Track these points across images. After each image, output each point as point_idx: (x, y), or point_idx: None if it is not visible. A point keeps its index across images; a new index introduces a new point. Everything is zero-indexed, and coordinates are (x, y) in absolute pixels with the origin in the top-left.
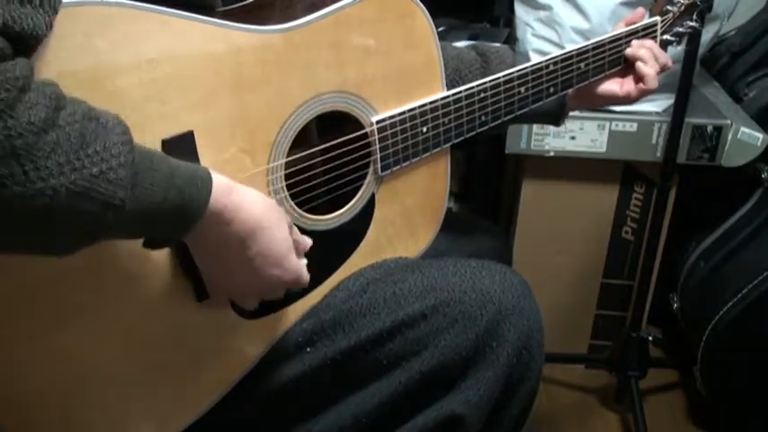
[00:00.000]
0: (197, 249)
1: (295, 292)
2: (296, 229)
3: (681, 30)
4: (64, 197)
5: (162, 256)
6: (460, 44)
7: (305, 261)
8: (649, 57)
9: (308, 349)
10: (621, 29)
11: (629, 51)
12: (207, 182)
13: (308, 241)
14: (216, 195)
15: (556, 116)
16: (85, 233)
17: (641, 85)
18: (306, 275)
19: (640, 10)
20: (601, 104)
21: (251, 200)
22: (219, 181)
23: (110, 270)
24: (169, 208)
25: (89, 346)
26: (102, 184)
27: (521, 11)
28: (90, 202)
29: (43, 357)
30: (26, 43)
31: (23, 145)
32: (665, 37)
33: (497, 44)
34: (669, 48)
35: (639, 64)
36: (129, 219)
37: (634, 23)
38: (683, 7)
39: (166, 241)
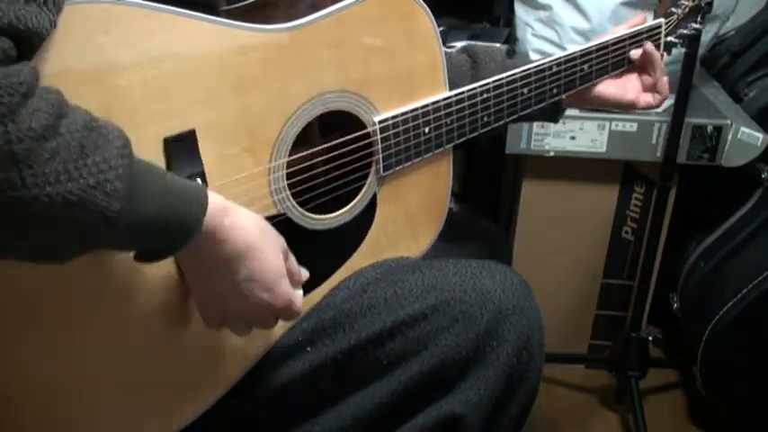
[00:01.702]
0: (188, 269)
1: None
2: (293, 258)
3: (685, 32)
4: (59, 205)
5: None
6: (460, 44)
7: (300, 292)
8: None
9: (309, 349)
10: (625, 30)
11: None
12: (202, 200)
13: (304, 273)
14: (210, 214)
15: (553, 114)
16: (78, 242)
17: (658, 96)
18: (298, 306)
19: (641, 14)
20: (598, 105)
21: (245, 222)
22: (215, 200)
23: (110, 271)
24: (162, 223)
25: (88, 346)
26: (99, 195)
27: (521, 11)
28: (84, 212)
29: (43, 358)
30: (30, 42)
31: (23, 150)
32: (669, 39)
33: (497, 44)
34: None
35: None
36: (122, 231)
37: (636, 26)
38: (687, 9)
39: (158, 256)
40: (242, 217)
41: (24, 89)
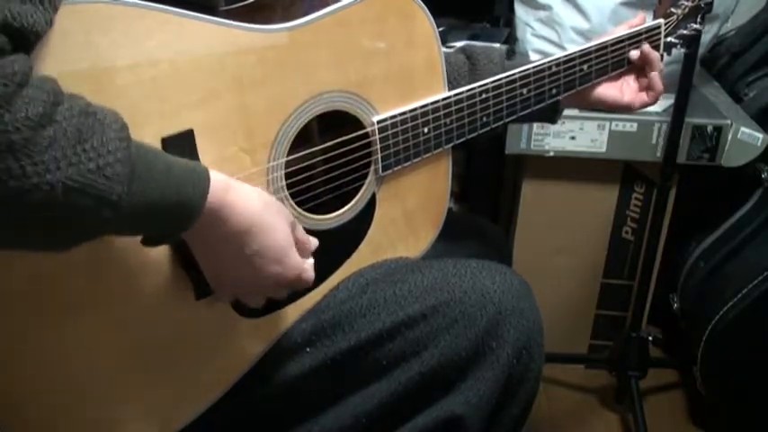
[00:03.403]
0: (197, 247)
1: (296, 291)
2: (300, 228)
3: (685, 32)
4: (60, 192)
5: (161, 254)
6: (459, 44)
7: (311, 260)
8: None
9: (308, 349)
10: (624, 30)
11: (648, 56)
12: (204, 179)
13: (313, 241)
14: (213, 192)
15: (551, 115)
16: (83, 229)
17: (651, 92)
18: (310, 274)
19: (641, 14)
20: (596, 106)
21: (248, 197)
22: (217, 178)
23: (109, 269)
24: (166, 204)
25: (88, 345)
26: (99, 179)
27: (521, 11)
28: (86, 197)
29: (42, 356)
30: (26, 40)
31: (20, 140)
32: (668, 39)
33: (497, 44)
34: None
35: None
36: (125, 215)
37: (636, 27)
38: (686, 9)
39: (164, 239)
40: (245, 193)
41: (18, 79)
